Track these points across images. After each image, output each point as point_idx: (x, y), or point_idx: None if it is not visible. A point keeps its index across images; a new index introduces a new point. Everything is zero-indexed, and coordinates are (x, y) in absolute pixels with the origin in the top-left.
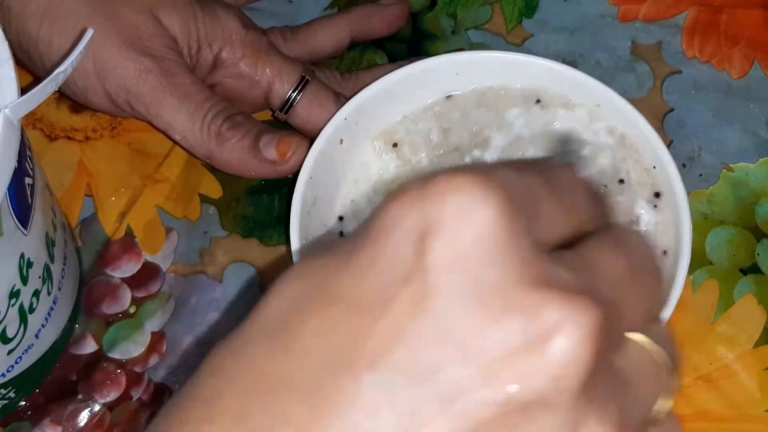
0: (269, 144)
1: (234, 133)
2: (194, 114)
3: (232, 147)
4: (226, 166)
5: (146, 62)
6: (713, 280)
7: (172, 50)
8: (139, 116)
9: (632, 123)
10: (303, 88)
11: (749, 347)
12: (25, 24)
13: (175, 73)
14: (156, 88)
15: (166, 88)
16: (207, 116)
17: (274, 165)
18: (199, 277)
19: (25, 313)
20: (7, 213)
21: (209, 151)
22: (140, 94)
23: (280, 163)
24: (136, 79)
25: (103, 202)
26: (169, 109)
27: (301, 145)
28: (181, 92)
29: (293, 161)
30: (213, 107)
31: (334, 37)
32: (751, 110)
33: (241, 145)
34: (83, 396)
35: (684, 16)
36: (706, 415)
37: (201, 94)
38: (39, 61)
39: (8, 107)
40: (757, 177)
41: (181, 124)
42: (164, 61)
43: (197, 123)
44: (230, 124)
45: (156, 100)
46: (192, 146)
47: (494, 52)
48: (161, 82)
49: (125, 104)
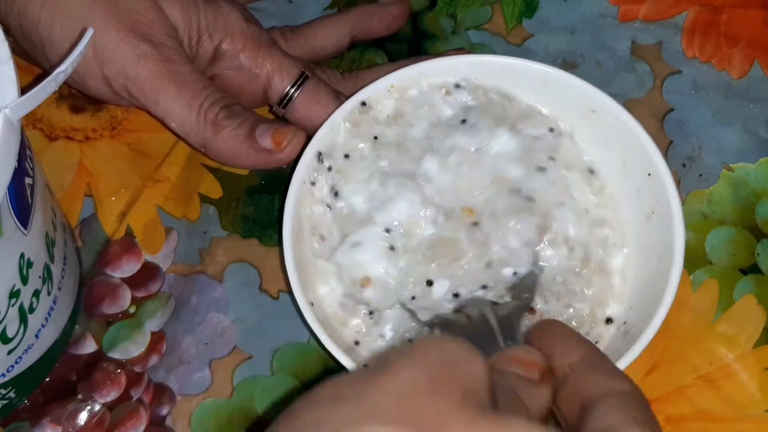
0: (265, 133)
1: (230, 121)
2: (191, 102)
3: (227, 135)
4: (221, 155)
5: (146, 48)
6: (713, 280)
7: (172, 38)
8: (136, 102)
9: (627, 129)
10: (302, 84)
11: (749, 347)
12: (28, 6)
13: (174, 60)
14: (154, 74)
15: (165, 74)
16: (204, 104)
17: (269, 154)
18: (199, 277)
19: (25, 313)
20: (7, 213)
21: (205, 139)
22: (138, 80)
23: (276, 151)
24: (134, 65)
25: (103, 202)
26: (166, 96)
27: (297, 135)
28: (179, 80)
29: (288, 150)
30: (210, 96)
31: (334, 36)
32: (751, 110)
33: (236, 134)
34: (83, 396)
35: (684, 16)
36: (706, 415)
37: (199, 82)
38: (39, 45)
39: (8, 107)
40: (757, 177)
41: (178, 112)
42: (164, 47)
43: (194, 111)
44: (227, 113)
45: (154, 87)
46: (188, 134)
47: (494, 57)
48: (160, 68)
49: (122, 89)
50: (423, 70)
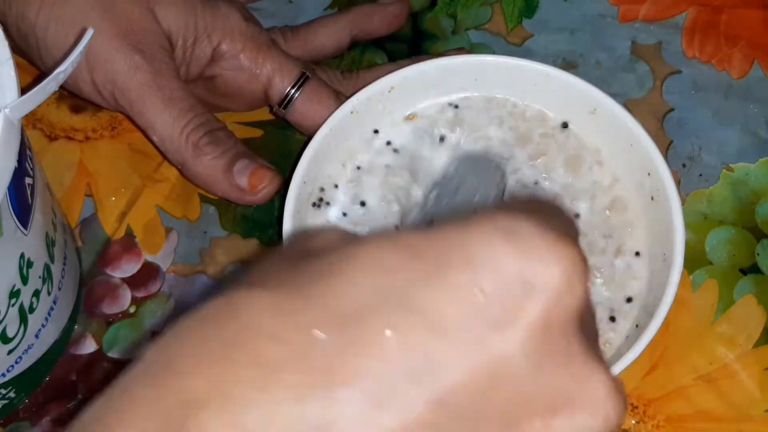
0: (243, 171)
1: (212, 148)
2: (176, 120)
3: (206, 162)
4: (196, 178)
5: (137, 59)
6: (713, 280)
7: (165, 50)
8: (122, 110)
9: (627, 129)
10: (302, 85)
11: (749, 347)
12: (26, 8)
13: (164, 75)
14: (142, 86)
15: (153, 88)
16: (189, 125)
17: (242, 192)
18: (199, 277)
19: (25, 313)
20: (7, 213)
21: (183, 159)
22: (126, 90)
23: (249, 193)
24: (124, 74)
25: (103, 202)
26: (152, 110)
27: (274, 180)
28: (166, 95)
29: (262, 195)
30: (196, 117)
31: (334, 36)
32: (751, 110)
33: (215, 164)
34: (83, 396)
35: (684, 16)
36: (706, 415)
37: (186, 101)
38: (35, 47)
39: (8, 107)
40: (757, 177)
41: (161, 127)
42: (155, 60)
43: (177, 129)
44: (210, 139)
45: (140, 98)
46: (168, 150)
47: (495, 57)
48: (149, 81)
49: (110, 97)
50: (423, 71)
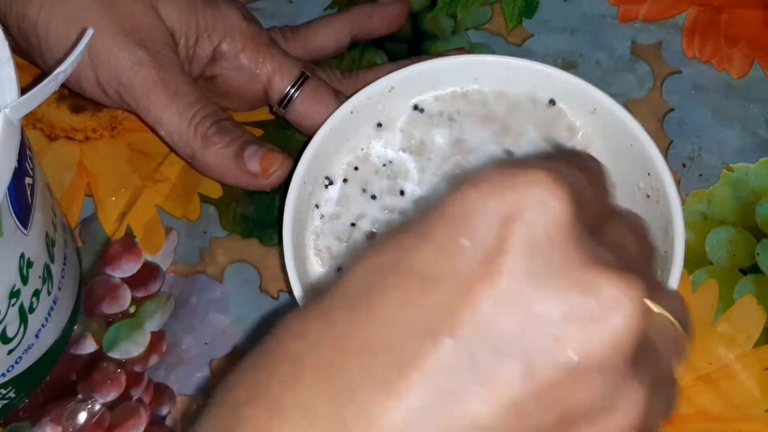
0: (254, 156)
1: (221, 138)
2: (183, 113)
3: (216, 151)
4: (207, 169)
5: (141, 55)
6: (713, 280)
7: (168, 46)
8: (127, 108)
9: (627, 129)
10: (302, 84)
11: (749, 347)
12: (27, 7)
13: (169, 70)
14: (147, 82)
15: (158, 83)
16: (196, 117)
17: (254, 177)
18: (199, 277)
19: (25, 313)
20: (7, 213)
21: (193, 151)
22: (131, 86)
23: (261, 177)
24: (128, 71)
25: (103, 202)
26: (158, 105)
27: (285, 163)
28: (172, 89)
29: (274, 178)
30: (203, 109)
31: (334, 36)
32: (751, 110)
33: (225, 152)
34: (83, 396)
35: (684, 16)
36: (706, 415)
37: (192, 94)
38: (36, 46)
39: (8, 107)
40: (757, 177)
41: (169, 121)
42: (159, 56)
43: (185, 122)
44: (218, 129)
45: (146, 94)
46: (176, 144)
47: (495, 57)
48: (153, 76)
49: (115, 94)
50: (423, 71)
